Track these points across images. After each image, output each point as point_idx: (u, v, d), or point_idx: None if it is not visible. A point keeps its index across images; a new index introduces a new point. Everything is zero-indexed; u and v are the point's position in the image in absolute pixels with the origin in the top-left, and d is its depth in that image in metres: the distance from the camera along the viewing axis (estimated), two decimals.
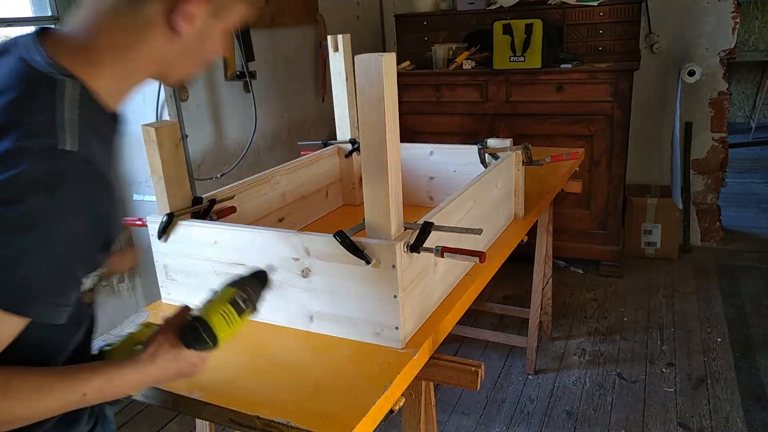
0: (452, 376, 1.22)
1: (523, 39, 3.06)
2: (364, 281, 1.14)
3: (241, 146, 2.86)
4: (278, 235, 1.21)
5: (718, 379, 2.46)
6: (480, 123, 3.33)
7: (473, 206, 1.46)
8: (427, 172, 1.94)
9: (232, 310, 0.87)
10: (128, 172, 2.52)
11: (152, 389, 1.08)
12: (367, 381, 1.05)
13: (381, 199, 1.10)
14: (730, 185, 4.44)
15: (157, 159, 1.31)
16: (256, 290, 0.92)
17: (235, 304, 0.87)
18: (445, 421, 2.33)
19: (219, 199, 1.45)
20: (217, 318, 0.85)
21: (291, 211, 1.77)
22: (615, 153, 3.12)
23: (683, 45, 3.46)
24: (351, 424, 0.94)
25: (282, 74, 3.17)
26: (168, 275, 1.39)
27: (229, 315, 0.86)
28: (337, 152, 1.98)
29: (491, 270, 1.53)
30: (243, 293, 0.89)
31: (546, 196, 1.97)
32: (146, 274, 2.60)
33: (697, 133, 3.58)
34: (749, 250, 3.63)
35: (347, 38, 1.86)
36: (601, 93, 3.05)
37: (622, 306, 3.09)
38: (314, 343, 1.20)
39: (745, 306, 3.01)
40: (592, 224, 3.31)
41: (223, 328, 0.85)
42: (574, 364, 2.63)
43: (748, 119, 6.70)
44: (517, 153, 1.73)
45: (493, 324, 2.98)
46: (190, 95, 2.53)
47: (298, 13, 3.25)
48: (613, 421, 2.27)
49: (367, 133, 1.08)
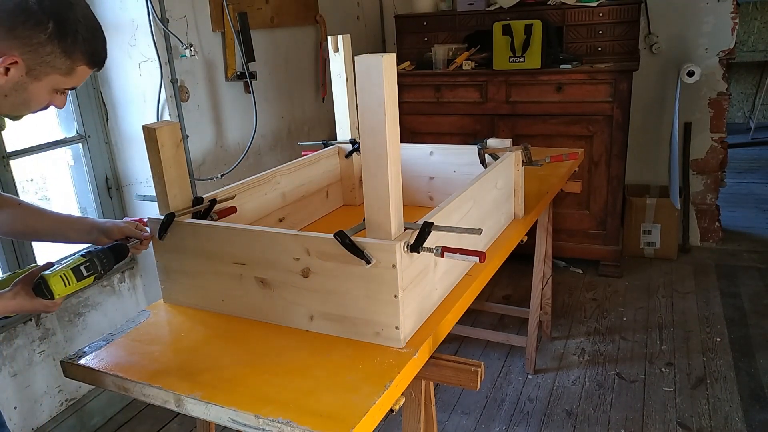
0: (452, 376, 1.22)
1: (523, 40, 3.06)
2: (364, 281, 1.14)
3: (241, 147, 2.87)
4: (279, 235, 1.21)
5: (718, 378, 2.47)
6: (480, 123, 3.33)
7: (473, 206, 1.46)
8: (427, 172, 1.95)
9: (71, 275, 1.12)
10: (129, 172, 2.53)
11: (155, 388, 1.09)
12: (367, 381, 1.06)
13: (381, 199, 1.11)
14: (730, 185, 4.45)
15: (158, 159, 1.31)
16: (106, 261, 1.18)
17: (76, 271, 1.13)
18: (444, 421, 2.33)
19: (219, 199, 1.46)
20: (56, 279, 1.10)
21: (291, 211, 1.77)
22: (614, 153, 3.13)
23: (682, 45, 3.47)
24: (351, 424, 0.94)
25: (282, 75, 3.17)
26: (168, 275, 1.39)
27: (68, 278, 1.12)
28: (337, 152, 1.98)
29: (491, 270, 1.53)
30: (87, 262, 1.15)
31: (545, 196, 1.98)
32: (147, 273, 2.61)
33: (697, 133, 3.59)
34: (748, 250, 3.63)
35: (347, 39, 1.86)
36: (601, 93, 3.05)
37: (621, 306, 3.10)
38: (314, 343, 1.21)
39: (745, 306, 3.01)
40: (591, 224, 3.31)
41: (59, 288, 1.11)
42: (574, 364, 2.64)
43: (747, 119, 6.70)
44: (516, 153, 1.73)
45: (493, 324, 2.99)
46: (191, 96, 2.54)
47: (298, 14, 3.25)
48: (613, 420, 2.28)
49: (367, 133, 1.08)
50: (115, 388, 1.16)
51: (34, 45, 1.00)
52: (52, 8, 1.00)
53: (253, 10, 2.83)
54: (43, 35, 1.00)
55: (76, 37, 1.03)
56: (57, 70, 1.05)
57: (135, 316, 1.38)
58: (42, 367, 2.21)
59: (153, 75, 2.37)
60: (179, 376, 1.12)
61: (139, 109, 2.44)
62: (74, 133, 2.38)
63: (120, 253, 1.22)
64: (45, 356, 2.21)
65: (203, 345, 1.24)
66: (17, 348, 2.12)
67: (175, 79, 2.43)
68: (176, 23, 2.43)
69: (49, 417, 2.24)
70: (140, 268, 2.61)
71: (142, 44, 2.35)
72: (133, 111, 2.44)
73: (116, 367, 1.17)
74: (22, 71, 1.01)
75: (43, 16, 0.99)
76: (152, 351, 1.23)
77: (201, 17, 2.58)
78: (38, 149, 2.25)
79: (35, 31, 0.99)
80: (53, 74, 1.05)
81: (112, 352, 1.23)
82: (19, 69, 1.00)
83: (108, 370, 1.16)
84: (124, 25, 2.35)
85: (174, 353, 1.22)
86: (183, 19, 2.48)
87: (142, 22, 2.32)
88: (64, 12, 1.02)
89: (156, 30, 2.32)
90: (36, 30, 0.99)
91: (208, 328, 1.31)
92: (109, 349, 1.24)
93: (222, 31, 2.69)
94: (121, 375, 1.14)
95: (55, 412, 2.27)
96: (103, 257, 1.18)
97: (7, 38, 0.98)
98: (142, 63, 2.38)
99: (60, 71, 1.05)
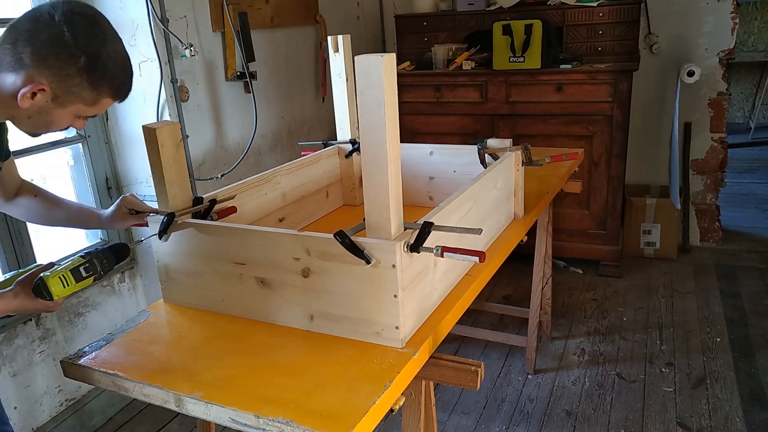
0: (452, 376, 1.22)
1: (523, 40, 3.06)
2: (364, 281, 1.14)
3: (241, 147, 2.87)
4: (279, 235, 1.22)
5: (718, 378, 2.47)
6: (480, 123, 3.33)
7: (473, 206, 1.46)
8: (427, 172, 1.95)
9: (70, 276, 1.12)
10: (129, 172, 2.53)
11: (155, 388, 1.09)
12: (367, 380, 1.06)
13: (381, 199, 1.11)
14: (730, 185, 4.45)
15: (158, 159, 1.31)
16: (105, 262, 1.18)
17: (75, 272, 1.13)
18: (444, 421, 2.33)
19: (220, 199, 1.46)
20: (55, 280, 1.11)
21: (291, 211, 1.77)
22: (614, 153, 3.13)
23: (682, 45, 3.47)
24: (351, 424, 0.94)
25: (282, 75, 3.17)
26: (168, 275, 1.39)
27: (67, 279, 1.12)
28: (337, 152, 1.98)
29: (491, 270, 1.53)
30: (87, 263, 1.15)
31: (545, 196, 1.98)
32: (147, 273, 2.61)
33: (697, 133, 3.59)
34: (748, 250, 3.63)
35: (347, 39, 1.86)
36: (601, 93, 3.05)
37: (621, 306, 3.10)
38: (314, 343, 1.21)
39: (745, 306, 3.01)
40: (591, 224, 3.31)
41: (58, 289, 1.11)
42: (574, 364, 2.64)
43: (747, 119, 6.70)
44: (516, 153, 1.74)
45: (493, 324, 2.99)
46: (191, 96, 2.54)
47: (298, 14, 3.25)
48: (613, 420, 2.28)
49: (367, 133, 1.08)
50: (115, 388, 1.16)
51: (64, 76, 1.02)
52: (86, 43, 1.03)
53: (253, 10, 2.83)
54: (73, 68, 1.03)
55: (105, 72, 1.06)
56: (82, 100, 1.08)
57: (135, 316, 1.38)
58: (42, 367, 2.21)
59: (153, 75, 2.37)
60: (179, 376, 1.12)
61: (139, 109, 2.44)
62: (74, 133, 2.38)
63: (120, 254, 1.22)
64: (45, 356, 2.21)
65: (203, 345, 1.24)
66: (17, 348, 2.12)
67: (175, 79, 2.43)
68: (176, 23, 2.43)
69: (49, 417, 2.24)
70: (140, 268, 2.61)
71: (142, 44, 2.35)
72: (133, 111, 2.44)
73: (116, 367, 1.17)
74: (48, 98, 1.04)
75: (77, 50, 1.02)
76: (152, 351, 1.23)
77: (201, 17, 2.58)
78: (38, 149, 2.25)
79: (67, 63, 1.02)
80: (78, 103, 1.08)
81: (112, 352, 1.23)
82: (46, 95, 1.04)
83: (108, 370, 1.16)
84: (124, 25, 2.35)
85: (174, 353, 1.22)
86: (183, 19, 2.48)
87: (142, 22, 2.32)
88: (97, 47, 1.04)
89: (156, 30, 2.32)
90: (68, 62, 1.02)
91: (208, 328, 1.31)
92: (109, 349, 1.24)
93: (222, 31, 2.69)
94: (121, 375, 1.14)
95: (55, 412, 2.27)
96: (103, 258, 1.18)
97: (39, 66, 1.01)
98: (142, 63, 2.38)
99: (85, 101, 1.08)
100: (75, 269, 1.14)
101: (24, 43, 1.01)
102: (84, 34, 1.03)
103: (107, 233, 2.52)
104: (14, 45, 1.01)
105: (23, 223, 2.14)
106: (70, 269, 1.13)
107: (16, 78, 1.02)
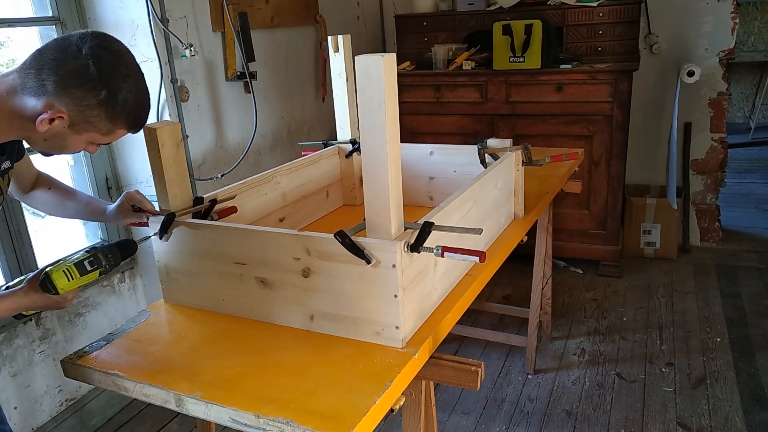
0: (452, 376, 1.22)
1: (523, 40, 3.06)
2: (365, 281, 1.14)
3: (241, 147, 2.87)
4: (279, 234, 1.22)
5: (718, 378, 2.47)
6: (480, 123, 3.33)
7: (473, 206, 1.46)
8: (427, 172, 1.95)
9: (74, 269, 1.14)
10: (129, 172, 2.53)
11: (155, 388, 1.09)
12: (367, 380, 1.06)
13: (381, 199, 1.11)
14: (730, 185, 4.45)
15: (159, 159, 1.32)
16: (111, 256, 1.18)
17: (79, 266, 1.14)
18: (444, 421, 2.33)
19: (220, 199, 1.46)
20: (59, 274, 1.13)
21: (292, 211, 1.77)
22: (614, 153, 3.13)
23: (682, 45, 3.47)
24: (351, 424, 0.94)
25: (282, 75, 3.17)
26: (169, 275, 1.39)
27: (72, 272, 1.13)
28: (337, 152, 1.99)
29: (491, 270, 1.53)
30: (91, 257, 1.16)
31: (545, 196, 1.98)
32: (147, 273, 2.61)
33: (697, 133, 3.59)
34: (748, 250, 3.63)
35: (347, 39, 1.86)
36: (601, 93, 3.05)
37: (621, 306, 3.10)
38: (314, 342, 1.21)
39: (745, 306, 3.01)
40: (591, 224, 3.31)
41: (62, 282, 1.13)
42: (574, 364, 2.64)
43: (747, 119, 6.70)
44: (516, 153, 1.74)
45: (493, 324, 2.99)
46: (191, 96, 2.54)
47: (298, 14, 3.25)
48: (613, 420, 2.28)
49: (367, 133, 1.08)
50: (115, 388, 1.16)
51: (84, 106, 1.07)
52: (109, 78, 1.07)
53: (253, 10, 2.83)
54: (94, 100, 1.06)
55: (123, 106, 1.10)
56: (98, 130, 1.11)
57: (135, 316, 1.38)
58: (42, 367, 2.21)
59: (153, 75, 2.37)
60: (179, 376, 1.12)
61: None
62: None
63: (127, 250, 1.23)
64: (45, 356, 2.21)
65: (203, 345, 1.24)
66: (17, 348, 2.12)
67: (175, 79, 2.43)
68: (176, 23, 2.43)
69: (49, 417, 2.24)
70: (140, 268, 2.61)
71: (142, 44, 2.35)
72: None
73: (116, 367, 1.17)
74: (65, 124, 1.08)
75: (99, 83, 1.06)
76: (152, 351, 1.23)
77: (201, 17, 2.58)
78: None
79: (88, 95, 1.06)
80: (93, 132, 1.11)
81: (112, 352, 1.23)
82: (63, 122, 1.08)
83: (108, 370, 1.16)
84: (124, 25, 2.35)
85: (174, 353, 1.22)
86: (183, 19, 2.48)
87: (142, 22, 2.32)
88: (119, 83, 1.08)
89: (156, 30, 2.32)
90: (89, 94, 1.06)
91: (208, 328, 1.31)
92: (109, 349, 1.24)
93: (222, 31, 2.69)
94: (121, 375, 1.14)
95: (55, 412, 2.27)
96: (108, 252, 1.19)
97: (60, 95, 1.05)
98: (142, 63, 2.38)
99: (100, 131, 1.12)
100: (79, 263, 1.15)
101: (49, 71, 1.05)
102: (107, 68, 1.07)
103: (107, 233, 2.52)
104: (39, 71, 1.05)
105: (23, 223, 2.14)
106: (74, 263, 1.15)
107: (36, 102, 1.06)
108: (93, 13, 2.35)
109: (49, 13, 2.25)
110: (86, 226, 2.52)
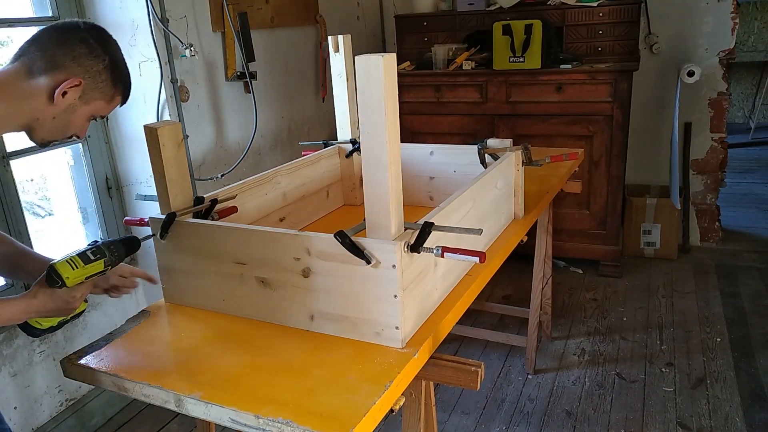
0: (452, 376, 1.22)
1: (523, 40, 3.06)
2: (365, 281, 1.14)
3: (241, 146, 2.87)
4: (279, 234, 1.22)
5: (718, 378, 2.47)
6: (480, 123, 3.33)
7: (473, 206, 1.46)
8: (427, 172, 1.95)
9: (78, 259, 1.14)
10: (129, 172, 2.53)
11: (155, 388, 1.09)
12: (367, 381, 1.06)
13: (381, 199, 1.11)
14: (730, 185, 4.45)
15: (159, 159, 1.32)
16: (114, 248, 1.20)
17: (82, 255, 1.15)
18: (444, 421, 2.33)
19: (220, 199, 1.46)
20: (62, 264, 1.13)
21: (292, 210, 1.77)
22: (614, 153, 3.13)
23: (683, 45, 3.47)
24: (351, 424, 0.94)
25: (282, 74, 3.17)
26: (169, 275, 1.39)
27: (75, 262, 1.14)
28: (337, 152, 1.99)
29: (491, 270, 1.53)
30: (94, 248, 1.17)
31: (546, 196, 1.98)
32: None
33: (697, 133, 3.59)
34: (748, 250, 3.63)
35: (347, 39, 1.86)
36: (601, 93, 3.05)
37: (621, 306, 3.10)
38: (314, 342, 1.21)
39: (745, 306, 3.01)
40: (591, 224, 3.31)
41: (67, 271, 1.12)
42: (574, 364, 2.64)
43: (747, 119, 6.70)
44: (516, 153, 1.74)
45: (493, 324, 2.99)
46: (191, 96, 2.54)
47: (298, 14, 3.25)
48: (613, 420, 2.28)
49: (367, 133, 1.08)
50: (115, 388, 1.16)
51: (93, 72, 1.19)
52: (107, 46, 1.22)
53: (253, 10, 2.83)
54: (101, 65, 1.20)
55: (122, 72, 1.24)
56: (104, 96, 1.22)
57: (135, 316, 1.38)
58: (42, 367, 2.21)
59: (153, 75, 2.37)
60: (179, 376, 1.12)
61: (139, 109, 2.44)
62: None
63: (130, 246, 1.24)
64: (45, 356, 2.21)
65: (203, 345, 1.24)
66: (17, 348, 2.12)
67: (175, 79, 2.43)
68: (176, 23, 2.43)
69: (49, 417, 2.24)
70: (140, 268, 2.60)
71: (142, 44, 2.35)
72: (133, 111, 2.44)
73: (116, 367, 1.17)
74: (77, 95, 1.18)
75: (102, 51, 1.20)
76: (152, 351, 1.23)
77: (201, 17, 2.58)
78: (38, 149, 2.25)
79: (96, 61, 1.19)
80: (99, 100, 1.22)
81: (112, 352, 1.23)
82: (76, 92, 1.17)
83: (108, 370, 1.16)
84: (124, 25, 2.35)
85: (174, 353, 1.22)
86: (183, 19, 2.48)
87: (142, 22, 2.32)
88: (115, 52, 1.24)
89: (156, 30, 2.32)
90: (96, 60, 1.19)
91: (208, 328, 1.31)
92: (109, 349, 1.24)
93: (222, 31, 2.69)
94: (121, 375, 1.14)
95: (55, 412, 2.27)
96: (111, 245, 1.20)
97: (71, 64, 1.16)
98: (142, 63, 2.38)
99: (105, 98, 1.23)
100: (82, 253, 1.16)
101: (56, 48, 1.15)
102: (104, 39, 1.21)
103: (107, 234, 2.52)
104: (44, 51, 1.15)
105: (23, 224, 2.15)
106: (77, 253, 1.16)
107: (49, 79, 1.15)
108: (93, 13, 2.35)
109: (49, 13, 2.25)
110: (86, 226, 2.52)
